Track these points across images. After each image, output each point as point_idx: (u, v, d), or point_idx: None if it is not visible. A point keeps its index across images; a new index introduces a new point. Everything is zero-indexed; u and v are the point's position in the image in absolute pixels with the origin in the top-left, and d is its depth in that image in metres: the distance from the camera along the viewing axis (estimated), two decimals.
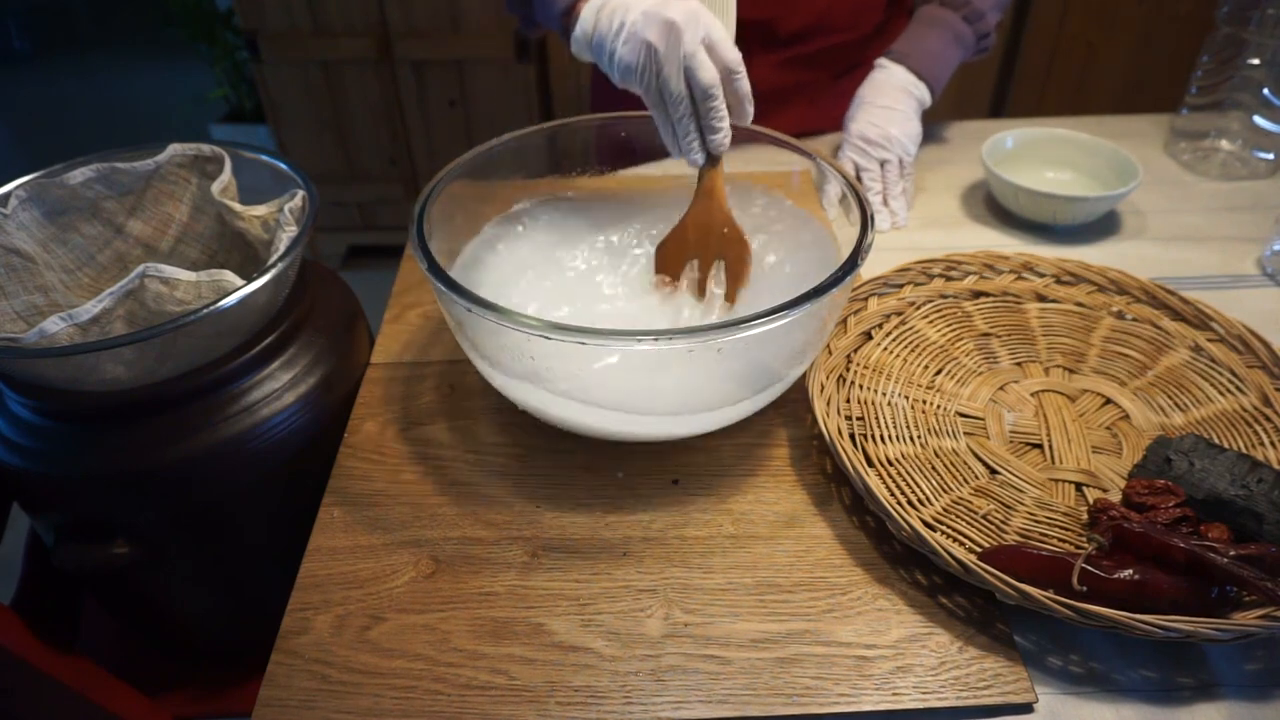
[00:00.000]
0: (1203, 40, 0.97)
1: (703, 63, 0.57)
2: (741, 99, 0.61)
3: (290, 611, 0.52)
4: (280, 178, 0.70)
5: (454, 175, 0.63)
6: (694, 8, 0.58)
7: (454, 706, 0.47)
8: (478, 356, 0.58)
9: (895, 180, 0.88)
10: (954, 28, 0.89)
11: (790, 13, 0.91)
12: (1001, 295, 0.74)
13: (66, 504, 0.61)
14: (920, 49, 0.89)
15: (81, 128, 2.92)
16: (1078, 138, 0.92)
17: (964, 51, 0.91)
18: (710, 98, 0.58)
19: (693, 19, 0.57)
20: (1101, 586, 0.48)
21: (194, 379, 0.59)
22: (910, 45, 0.89)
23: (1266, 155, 0.96)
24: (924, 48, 0.89)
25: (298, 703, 0.48)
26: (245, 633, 0.75)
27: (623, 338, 0.49)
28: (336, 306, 0.72)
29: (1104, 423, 0.63)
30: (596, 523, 0.57)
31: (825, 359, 0.65)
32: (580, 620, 0.51)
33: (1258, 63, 0.93)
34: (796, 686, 0.48)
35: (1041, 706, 0.47)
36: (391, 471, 0.61)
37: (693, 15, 0.57)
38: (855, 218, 0.58)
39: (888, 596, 0.52)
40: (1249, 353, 0.66)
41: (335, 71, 1.89)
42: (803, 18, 0.92)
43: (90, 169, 0.68)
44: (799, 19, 0.92)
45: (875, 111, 0.87)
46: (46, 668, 0.59)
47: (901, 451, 0.60)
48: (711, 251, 0.63)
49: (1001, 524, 0.55)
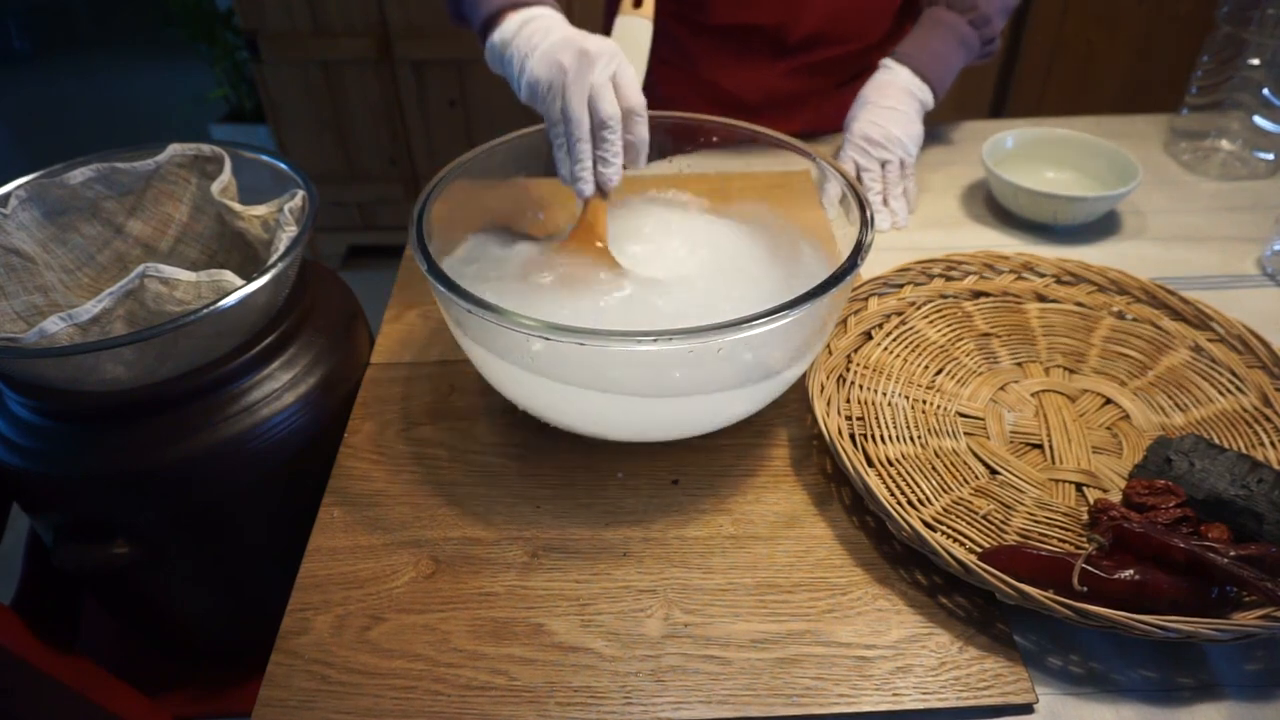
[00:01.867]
0: (1203, 40, 0.97)
1: (607, 96, 0.60)
2: (638, 144, 0.63)
3: (290, 611, 0.52)
4: (280, 178, 0.70)
5: (454, 175, 0.63)
6: (610, 46, 0.61)
7: (454, 707, 0.47)
8: (477, 357, 0.58)
9: (896, 181, 0.88)
10: (959, 31, 0.89)
11: (798, 21, 0.91)
12: (1001, 295, 0.74)
13: (66, 504, 0.61)
14: (925, 51, 0.89)
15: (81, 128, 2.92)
16: (1078, 138, 0.92)
17: (968, 55, 0.90)
18: (608, 129, 0.60)
19: (606, 54, 0.60)
20: (1101, 587, 0.48)
21: (194, 379, 0.59)
22: (915, 47, 0.89)
23: (1266, 155, 0.96)
24: (929, 50, 0.89)
25: (298, 703, 0.48)
26: (245, 633, 0.75)
27: (623, 338, 0.49)
28: (336, 306, 0.72)
29: (1104, 423, 0.63)
30: (596, 523, 0.57)
31: (825, 359, 0.65)
32: (580, 620, 0.51)
33: (1258, 63, 0.93)
34: (796, 687, 0.48)
35: (1041, 707, 0.47)
36: (391, 471, 0.61)
37: (607, 51, 0.60)
38: (855, 218, 0.58)
39: (888, 596, 0.52)
40: (1249, 353, 0.66)
41: (335, 71, 1.89)
42: (811, 26, 0.92)
43: (90, 169, 0.68)
44: (807, 27, 0.92)
45: (878, 111, 0.87)
46: (46, 668, 0.59)
47: (901, 451, 0.60)
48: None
49: (1001, 524, 0.55)
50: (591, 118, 0.60)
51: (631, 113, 0.61)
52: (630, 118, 0.61)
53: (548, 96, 0.61)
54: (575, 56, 0.60)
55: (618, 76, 0.60)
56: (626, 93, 0.61)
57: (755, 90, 0.97)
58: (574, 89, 0.59)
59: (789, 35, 0.93)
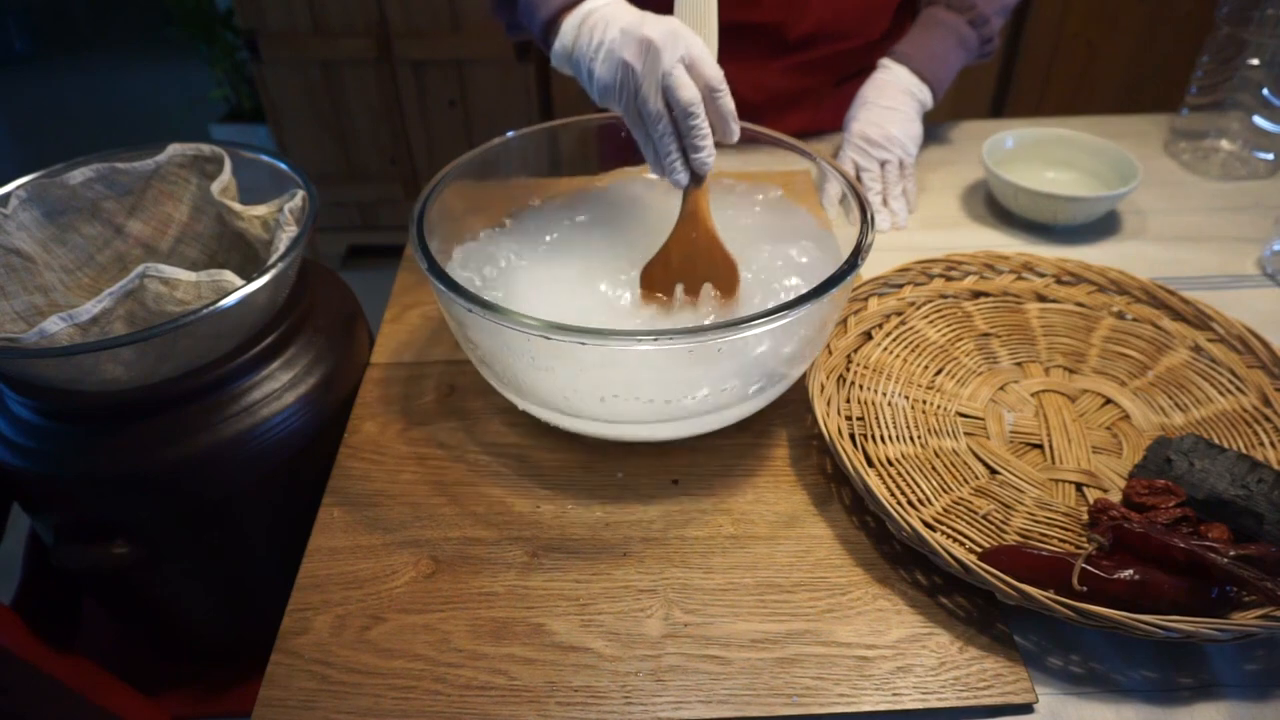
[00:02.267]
0: (1203, 40, 0.97)
1: (682, 81, 0.56)
2: (725, 117, 0.59)
3: (290, 611, 0.52)
4: (280, 178, 0.70)
5: (454, 175, 0.63)
6: (673, 26, 0.57)
7: (454, 707, 0.47)
8: (477, 357, 0.58)
9: (895, 181, 0.88)
10: (958, 31, 0.89)
11: (799, 18, 0.91)
12: (1001, 295, 0.74)
13: (66, 504, 0.61)
14: (924, 51, 0.89)
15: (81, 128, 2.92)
16: (1078, 138, 0.92)
17: (967, 55, 0.90)
18: (691, 116, 0.57)
19: (671, 37, 0.56)
20: (1102, 587, 0.48)
21: (194, 379, 0.59)
22: (914, 47, 0.89)
23: (1266, 155, 0.96)
24: (928, 50, 0.89)
25: (298, 703, 0.48)
26: (245, 633, 0.75)
27: (623, 338, 0.49)
28: (336, 306, 0.72)
29: (1104, 423, 0.63)
30: (596, 523, 0.57)
31: (825, 359, 0.65)
32: (580, 620, 0.51)
33: (1258, 63, 0.93)
34: (796, 687, 0.48)
35: (1041, 707, 0.47)
36: (391, 471, 0.61)
37: (671, 33, 0.56)
38: (855, 218, 0.58)
39: (888, 596, 0.52)
40: (1249, 353, 0.66)
41: (335, 71, 1.89)
42: (811, 23, 0.92)
43: (90, 169, 0.68)
44: (807, 24, 0.92)
45: (877, 111, 0.87)
46: (46, 668, 0.59)
47: (901, 451, 0.60)
48: (698, 275, 0.62)
49: (1001, 524, 0.55)
50: (671, 109, 0.57)
51: (711, 89, 0.58)
52: (710, 94, 0.58)
53: (621, 99, 0.58)
54: (639, 51, 0.56)
55: (689, 55, 0.56)
56: (701, 70, 0.57)
57: (755, 89, 0.96)
58: (646, 86, 0.56)
59: (789, 33, 0.93)
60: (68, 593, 0.73)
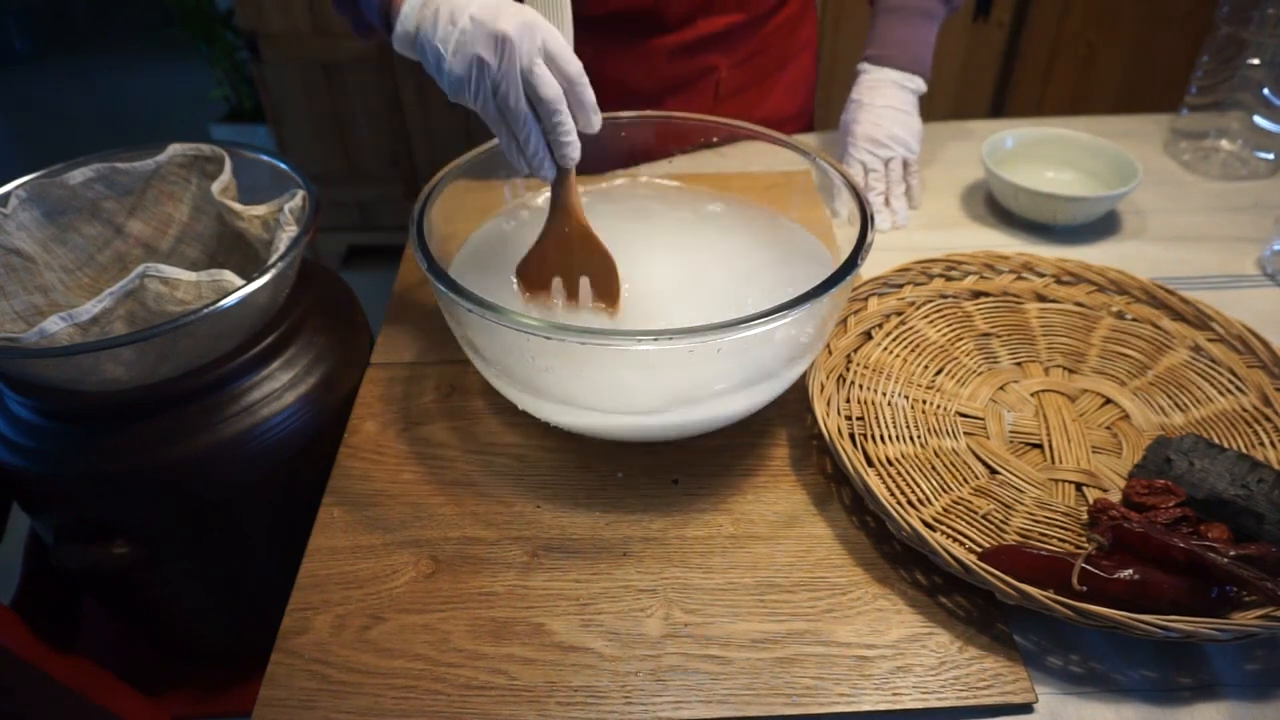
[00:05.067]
0: (1203, 40, 0.97)
1: (544, 79, 0.53)
2: (586, 109, 0.57)
3: (290, 611, 0.52)
4: (280, 178, 0.70)
5: (454, 175, 0.63)
6: (528, 17, 0.53)
7: (454, 706, 0.47)
8: (477, 356, 0.58)
9: (898, 179, 0.88)
10: (920, 6, 0.88)
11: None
12: (1001, 295, 0.74)
13: (66, 504, 0.61)
14: (895, 44, 0.88)
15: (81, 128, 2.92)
16: (1078, 138, 0.92)
17: (935, 22, 0.90)
18: (555, 113, 0.54)
19: (528, 30, 0.53)
20: (1101, 586, 0.48)
21: (194, 379, 0.59)
22: (885, 46, 0.89)
23: (1266, 155, 0.96)
24: (897, 40, 0.88)
25: (298, 703, 0.48)
26: (245, 633, 0.75)
27: (623, 338, 0.49)
28: (336, 306, 0.72)
29: (1104, 423, 0.63)
30: (596, 523, 0.57)
31: (825, 359, 0.65)
32: (580, 620, 0.51)
33: (1258, 63, 0.93)
34: (796, 686, 0.48)
35: (1041, 706, 0.47)
36: (391, 471, 0.61)
37: (527, 26, 0.53)
38: (855, 218, 0.58)
39: (888, 596, 0.52)
40: (1249, 353, 0.66)
41: (335, 71, 1.89)
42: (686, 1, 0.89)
43: (90, 169, 0.68)
44: (683, 2, 0.89)
45: (877, 112, 0.87)
46: (46, 668, 0.59)
47: (901, 451, 0.60)
48: (574, 268, 0.61)
49: (1001, 524, 0.55)
50: (533, 106, 0.55)
51: (571, 82, 0.55)
52: (571, 88, 0.56)
53: (477, 96, 0.55)
54: (494, 46, 0.52)
55: (547, 48, 0.54)
56: (560, 64, 0.54)
57: (647, 76, 0.94)
58: (505, 85, 0.53)
59: (668, 14, 0.90)
60: (68, 593, 0.73)
